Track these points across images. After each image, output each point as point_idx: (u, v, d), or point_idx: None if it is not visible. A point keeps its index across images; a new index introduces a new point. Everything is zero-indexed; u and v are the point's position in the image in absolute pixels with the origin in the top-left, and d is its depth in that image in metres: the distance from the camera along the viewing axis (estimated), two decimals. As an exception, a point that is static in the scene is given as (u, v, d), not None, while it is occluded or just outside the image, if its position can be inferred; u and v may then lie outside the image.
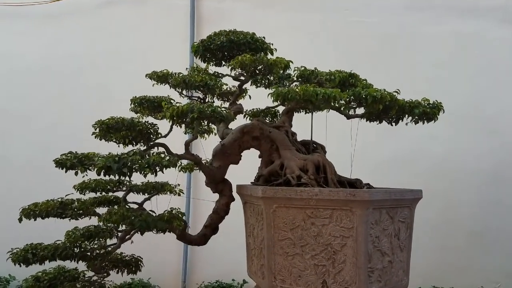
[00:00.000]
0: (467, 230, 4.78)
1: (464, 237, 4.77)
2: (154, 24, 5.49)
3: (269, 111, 3.63)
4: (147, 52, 5.31)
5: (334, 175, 2.89)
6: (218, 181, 3.17)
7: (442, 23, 4.93)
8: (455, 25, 4.89)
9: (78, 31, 5.52)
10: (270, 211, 2.71)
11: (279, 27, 4.77)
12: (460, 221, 4.76)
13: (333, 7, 5.16)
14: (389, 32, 4.99)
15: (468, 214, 4.77)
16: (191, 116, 2.38)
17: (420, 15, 4.96)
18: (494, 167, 4.74)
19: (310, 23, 5.17)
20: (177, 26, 5.45)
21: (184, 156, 2.88)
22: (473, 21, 4.87)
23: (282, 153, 2.97)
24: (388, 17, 5.02)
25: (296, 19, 5.20)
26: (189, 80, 2.71)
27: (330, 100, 2.47)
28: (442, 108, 2.93)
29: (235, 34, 2.95)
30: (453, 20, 4.91)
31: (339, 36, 5.08)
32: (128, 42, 5.42)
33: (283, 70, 3.11)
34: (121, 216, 2.45)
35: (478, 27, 4.85)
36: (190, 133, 3.68)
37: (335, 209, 2.59)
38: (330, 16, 5.13)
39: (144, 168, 2.31)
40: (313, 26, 5.16)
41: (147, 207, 3.14)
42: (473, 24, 4.86)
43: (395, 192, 2.75)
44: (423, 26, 4.97)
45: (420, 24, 4.97)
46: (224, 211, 3.23)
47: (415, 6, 5.00)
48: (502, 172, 4.71)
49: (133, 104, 2.95)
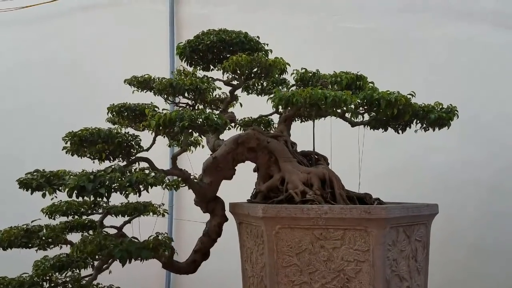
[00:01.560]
0: (468, 243, 4.53)
1: (465, 251, 4.52)
2: (131, 31, 5.13)
3: (262, 120, 3.31)
4: (124, 59, 4.92)
5: (342, 190, 2.56)
6: (209, 199, 2.82)
7: (436, 27, 4.74)
8: (449, 30, 4.71)
9: (52, 36, 5.15)
10: (272, 233, 2.37)
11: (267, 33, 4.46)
12: (460, 233, 4.51)
13: (324, 11, 4.92)
14: (382, 36, 4.77)
15: (468, 226, 4.52)
16: (181, 125, 2.02)
17: (414, 19, 4.78)
18: (494, 177, 4.53)
19: (300, 28, 4.91)
20: (155, 32, 5.10)
21: (171, 171, 2.51)
22: (467, 26, 4.70)
23: (282, 165, 2.64)
24: (381, 21, 4.81)
25: (285, 24, 4.92)
26: (177, 84, 2.34)
27: (340, 105, 2.16)
28: (457, 113, 2.66)
29: (227, 33, 2.62)
30: (447, 25, 4.74)
31: (331, 41, 4.83)
32: (104, 48, 5.07)
33: (279, 74, 2.79)
34: (98, 245, 2.05)
35: (472, 31, 4.68)
36: (175, 146, 3.30)
37: (348, 229, 2.28)
38: (321, 21, 4.88)
39: (125, 188, 1.92)
40: (304, 31, 4.90)
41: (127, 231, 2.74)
42: (467, 29, 4.69)
43: (412, 207, 2.45)
44: (417, 30, 4.77)
45: (414, 28, 4.77)
46: (216, 233, 2.87)
47: (408, 10, 4.81)
48: (503, 182, 4.50)
49: (111, 114, 2.56)
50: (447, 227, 4.44)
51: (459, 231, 4.50)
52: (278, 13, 4.99)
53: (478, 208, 4.53)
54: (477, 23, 4.71)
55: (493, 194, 4.48)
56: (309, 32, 4.88)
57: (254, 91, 3.23)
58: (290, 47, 4.56)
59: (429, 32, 4.72)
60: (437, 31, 4.74)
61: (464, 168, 4.53)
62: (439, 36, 4.71)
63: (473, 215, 4.54)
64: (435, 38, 4.71)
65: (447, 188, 4.51)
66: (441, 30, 4.74)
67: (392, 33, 4.76)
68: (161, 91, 2.43)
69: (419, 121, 2.68)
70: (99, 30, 5.14)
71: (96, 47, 5.07)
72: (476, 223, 4.55)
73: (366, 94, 2.33)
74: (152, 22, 5.17)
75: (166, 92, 2.42)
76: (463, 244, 4.57)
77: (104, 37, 5.11)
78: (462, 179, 4.51)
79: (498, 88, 4.59)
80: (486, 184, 4.48)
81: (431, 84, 4.49)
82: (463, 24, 4.70)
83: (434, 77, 4.60)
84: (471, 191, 4.51)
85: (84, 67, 5.04)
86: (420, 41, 4.74)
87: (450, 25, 4.72)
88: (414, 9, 4.83)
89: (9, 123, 4.96)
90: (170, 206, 4.87)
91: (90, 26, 5.15)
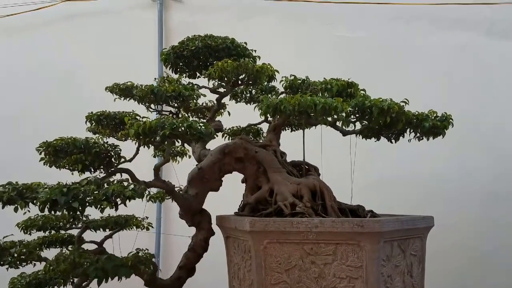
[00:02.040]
0: (467, 253, 4.43)
1: (465, 260, 4.40)
2: (119, 39, 5.04)
3: (251, 129, 3.20)
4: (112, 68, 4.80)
5: (334, 202, 2.44)
6: (195, 211, 2.68)
7: (429, 36, 4.70)
8: (443, 38, 4.66)
9: (42, 44, 5.04)
10: (260, 248, 2.24)
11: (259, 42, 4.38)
12: (460, 243, 4.40)
13: (317, 20, 4.85)
14: (375, 45, 4.70)
15: (467, 235, 4.41)
16: (162, 134, 1.89)
17: (408, 27, 4.73)
18: (492, 185, 4.45)
19: (293, 36, 4.83)
20: (144, 40, 5.00)
21: (153, 183, 2.37)
22: (461, 33, 4.66)
23: (271, 176, 2.52)
24: (374, 29, 4.75)
25: (277, 33, 4.84)
26: (158, 90, 2.21)
27: (330, 112, 2.05)
28: (452, 121, 2.56)
29: (213, 38, 2.52)
30: (441, 33, 4.69)
31: (324, 50, 4.76)
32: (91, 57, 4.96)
33: (268, 81, 2.68)
34: (72, 263, 1.90)
35: (466, 39, 4.63)
36: (161, 156, 3.16)
37: (340, 244, 2.17)
38: (313, 29, 4.81)
39: (100, 201, 1.78)
40: (296, 40, 4.81)
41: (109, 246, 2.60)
42: (461, 36, 4.65)
43: (407, 220, 2.34)
44: (410, 39, 4.73)
45: (407, 37, 4.73)
46: (202, 248, 2.74)
47: (402, 18, 4.76)
48: (501, 190, 4.42)
49: (90, 122, 2.42)
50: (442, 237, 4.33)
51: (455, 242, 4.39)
52: (271, 22, 4.91)
53: (474, 218, 4.44)
54: (472, 31, 4.67)
55: (488, 203, 4.40)
56: (301, 40, 4.81)
57: (242, 99, 3.12)
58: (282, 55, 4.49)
59: (423, 41, 4.68)
60: (431, 39, 4.69)
61: (459, 177, 4.45)
62: (433, 45, 4.66)
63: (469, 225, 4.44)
64: (429, 46, 4.66)
65: (442, 198, 4.42)
66: (435, 38, 4.69)
67: (385, 41, 4.71)
68: (142, 98, 2.30)
69: (413, 130, 2.58)
70: (86, 39, 5.04)
71: (83, 56, 4.96)
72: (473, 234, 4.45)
73: (357, 102, 2.22)
74: (141, 30, 5.07)
75: (148, 99, 2.30)
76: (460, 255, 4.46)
77: (91, 45, 5.01)
78: (457, 189, 4.43)
79: (494, 96, 4.53)
80: (482, 193, 4.40)
81: (425, 92, 4.42)
82: (457, 32, 4.66)
83: (428, 85, 4.54)
84: (466, 201, 4.43)
85: (71, 76, 4.92)
86: (413, 49, 4.69)
87: (444, 34, 4.68)
88: (407, 18, 4.78)
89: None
90: (158, 219, 4.72)
91: (76, 35, 5.05)
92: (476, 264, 4.40)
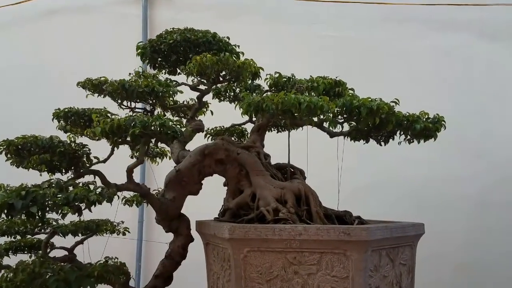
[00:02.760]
0: (454, 263, 4.30)
1: (450, 271, 4.28)
2: (102, 35, 4.87)
3: (235, 130, 3.06)
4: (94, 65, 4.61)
5: (320, 207, 2.30)
6: (173, 217, 2.52)
7: (419, 38, 4.59)
8: (433, 40, 4.55)
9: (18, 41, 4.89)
10: (240, 257, 2.10)
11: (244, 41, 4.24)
12: (446, 252, 4.28)
13: (305, 19, 4.72)
14: (364, 46, 4.58)
15: (454, 244, 4.29)
16: (131, 133, 1.73)
17: (397, 29, 4.61)
18: (480, 192, 4.33)
19: (280, 36, 4.69)
20: (127, 37, 4.81)
21: (125, 186, 2.20)
22: (452, 36, 4.56)
23: (253, 180, 2.37)
24: (364, 30, 4.63)
25: (265, 32, 4.70)
26: (130, 85, 2.04)
27: (316, 112, 1.91)
28: (444, 123, 2.43)
29: (192, 32, 2.36)
30: (430, 35, 4.58)
31: (311, 50, 4.62)
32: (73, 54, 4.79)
33: (252, 79, 2.53)
34: (30, 274, 1.72)
35: (457, 41, 4.53)
36: (137, 157, 2.99)
37: (325, 253, 2.05)
38: (301, 29, 4.69)
39: (61, 206, 1.61)
40: (282, 39, 4.68)
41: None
42: (452, 39, 4.54)
43: (396, 228, 2.21)
44: (400, 40, 4.61)
45: (397, 38, 4.61)
46: (179, 255, 2.58)
47: (392, 19, 4.65)
48: (489, 198, 4.30)
49: (57, 120, 2.25)
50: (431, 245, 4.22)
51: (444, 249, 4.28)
52: (258, 21, 4.78)
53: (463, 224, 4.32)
54: (462, 33, 4.57)
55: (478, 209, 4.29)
56: (289, 40, 4.67)
57: (226, 98, 2.97)
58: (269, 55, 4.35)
59: (412, 42, 4.56)
60: (421, 41, 4.59)
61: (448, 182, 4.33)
62: (423, 46, 4.55)
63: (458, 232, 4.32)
64: (418, 48, 4.55)
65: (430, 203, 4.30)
66: (425, 40, 4.59)
67: (373, 42, 4.59)
68: (113, 94, 2.13)
69: (403, 132, 2.45)
70: (68, 35, 4.87)
71: (66, 52, 4.80)
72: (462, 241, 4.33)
73: (345, 101, 2.08)
74: (125, 27, 4.90)
75: (120, 95, 2.13)
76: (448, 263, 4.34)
77: (74, 42, 4.84)
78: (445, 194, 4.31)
79: (483, 99, 4.43)
80: (470, 199, 4.29)
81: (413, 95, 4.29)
82: (447, 34, 4.57)
83: (416, 88, 4.42)
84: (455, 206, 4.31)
85: (52, 72, 4.74)
86: (402, 51, 4.58)
87: (433, 35, 4.58)
88: (396, 19, 4.68)
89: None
90: (140, 222, 4.55)
91: (59, 31, 4.89)
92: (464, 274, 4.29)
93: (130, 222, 3.69)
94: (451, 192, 4.34)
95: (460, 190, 4.32)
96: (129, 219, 3.57)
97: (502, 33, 4.45)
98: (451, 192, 4.34)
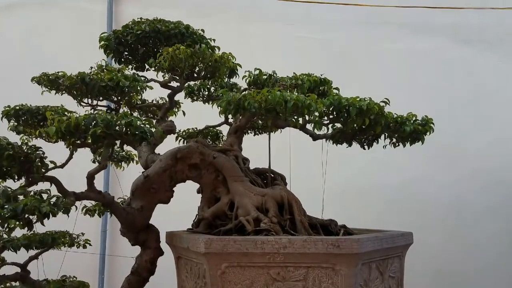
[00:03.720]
0: (432, 270, 4.22)
1: (429, 278, 4.20)
2: (63, 32, 4.57)
3: (210, 132, 2.83)
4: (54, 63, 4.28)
5: (304, 216, 2.11)
6: (140, 228, 2.28)
7: (394, 41, 4.54)
8: (408, 43, 4.52)
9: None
10: (217, 273, 1.90)
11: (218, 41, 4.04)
12: (423, 260, 4.19)
13: (279, 20, 4.57)
14: (339, 48, 4.48)
15: (431, 251, 4.22)
16: (92, 133, 1.48)
17: (372, 31, 4.56)
18: (457, 198, 4.28)
19: (254, 36, 4.51)
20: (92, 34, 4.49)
21: (86, 195, 1.94)
22: (426, 39, 4.53)
23: (231, 186, 2.16)
24: (338, 32, 4.55)
25: (238, 32, 4.51)
26: (91, 79, 1.78)
27: (303, 111, 1.71)
28: (432, 125, 2.31)
29: (163, 22, 2.12)
30: (406, 38, 4.54)
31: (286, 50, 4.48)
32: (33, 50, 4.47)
33: (229, 76, 2.32)
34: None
35: (431, 45, 4.51)
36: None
37: (312, 267, 1.89)
38: (276, 30, 4.54)
39: (7, 219, 1.35)
40: (258, 40, 4.49)
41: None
42: (426, 42, 4.52)
43: (386, 238, 2.06)
44: (375, 43, 4.56)
45: (372, 41, 4.55)
46: (147, 271, 2.34)
47: (366, 22, 4.58)
48: (466, 204, 4.26)
49: (7, 119, 1.95)
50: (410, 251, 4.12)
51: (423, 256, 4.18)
52: (231, 21, 4.59)
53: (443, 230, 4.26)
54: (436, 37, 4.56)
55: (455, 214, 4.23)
56: (263, 40, 4.51)
57: (199, 97, 2.74)
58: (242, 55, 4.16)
59: (386, 45, 4.50)
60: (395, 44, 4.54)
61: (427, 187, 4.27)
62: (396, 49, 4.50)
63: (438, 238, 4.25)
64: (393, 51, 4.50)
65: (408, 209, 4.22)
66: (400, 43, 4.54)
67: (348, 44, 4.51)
68: (71, 89, 1.86)
69: (390, 135, 2.29)
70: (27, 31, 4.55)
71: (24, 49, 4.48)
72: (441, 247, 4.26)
73: (333, 100, 1.90)
74: (88, 23, 4.60)
75: (79, 91, 1.85)
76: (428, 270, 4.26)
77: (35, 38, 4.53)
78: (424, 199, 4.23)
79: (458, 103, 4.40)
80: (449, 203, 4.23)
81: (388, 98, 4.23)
82: (422, 38, 4.54)
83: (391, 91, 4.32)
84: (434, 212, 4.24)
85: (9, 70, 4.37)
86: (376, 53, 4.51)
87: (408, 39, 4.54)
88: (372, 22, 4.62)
89: None
90: (103, 232, 4.22)
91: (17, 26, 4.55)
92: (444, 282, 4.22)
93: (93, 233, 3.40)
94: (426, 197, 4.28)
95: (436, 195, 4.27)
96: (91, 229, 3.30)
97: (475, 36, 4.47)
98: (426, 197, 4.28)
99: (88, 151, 2.50)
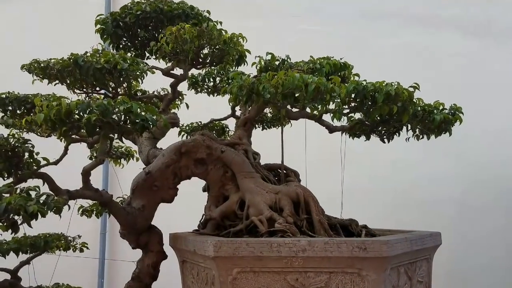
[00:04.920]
0: (444, 270, 4.05)
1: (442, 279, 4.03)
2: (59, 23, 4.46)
3: (215, 126, 2.63)
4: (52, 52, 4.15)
5: (323, 215, 1.91)
6: (141, 229, 2.10)
7: (396, 35, 4.45)
8: (409, 37, 4.43)
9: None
10: (227, 280, 1.72)
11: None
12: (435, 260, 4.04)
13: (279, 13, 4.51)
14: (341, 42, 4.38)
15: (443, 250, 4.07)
16: (86, 120, 1.27)
17: (374, 25, 4.48)
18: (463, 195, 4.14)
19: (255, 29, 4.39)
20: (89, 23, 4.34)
21: (80, 193, 1.74)
22: (431, 32, 4.43)
23: (241, 183, 1.97)
24: (340, 26, 4.46)
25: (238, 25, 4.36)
26: (85, 61, 1.57)
27: (325, 96, 1.51)
28: (461, 115, 2.11)
29: (165, 2, 1.91)
30: (407, 32, 4.46)
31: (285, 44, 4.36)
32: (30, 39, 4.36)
33: (236, 63, 2.12)
34: None
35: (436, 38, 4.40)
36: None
37: (334, 273, 1.71)
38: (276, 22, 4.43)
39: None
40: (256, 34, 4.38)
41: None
42: (431, 35, 4.41)
43: (416, 239, 1.87)
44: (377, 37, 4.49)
45: (374, 35, 4.48)
46: (149, 276, 2.16)
47: (368, 15, 4.50)
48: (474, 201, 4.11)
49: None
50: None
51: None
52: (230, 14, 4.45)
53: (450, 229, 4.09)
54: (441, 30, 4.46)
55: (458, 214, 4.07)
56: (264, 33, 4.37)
57: (203, 88, 2.55)
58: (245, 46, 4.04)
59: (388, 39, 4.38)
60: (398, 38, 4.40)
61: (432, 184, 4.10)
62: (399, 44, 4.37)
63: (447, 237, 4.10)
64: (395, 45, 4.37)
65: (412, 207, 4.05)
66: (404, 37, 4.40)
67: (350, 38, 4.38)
68: (63, 74, 1.65)
69: (415, 126, 2.09)
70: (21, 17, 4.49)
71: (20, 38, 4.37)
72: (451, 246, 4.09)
73: (356, 85, 1.69)
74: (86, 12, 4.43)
75: (72, 75, 1.64)
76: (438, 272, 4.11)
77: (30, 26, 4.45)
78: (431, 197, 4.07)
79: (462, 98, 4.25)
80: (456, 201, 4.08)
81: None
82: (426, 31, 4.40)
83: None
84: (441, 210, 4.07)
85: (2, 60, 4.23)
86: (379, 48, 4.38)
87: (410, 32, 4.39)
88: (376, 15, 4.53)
89: None
90: (102, 234, 4.03)
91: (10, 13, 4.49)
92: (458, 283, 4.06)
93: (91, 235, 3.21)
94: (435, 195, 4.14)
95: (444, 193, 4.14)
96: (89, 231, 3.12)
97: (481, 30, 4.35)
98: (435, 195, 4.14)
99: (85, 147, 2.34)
